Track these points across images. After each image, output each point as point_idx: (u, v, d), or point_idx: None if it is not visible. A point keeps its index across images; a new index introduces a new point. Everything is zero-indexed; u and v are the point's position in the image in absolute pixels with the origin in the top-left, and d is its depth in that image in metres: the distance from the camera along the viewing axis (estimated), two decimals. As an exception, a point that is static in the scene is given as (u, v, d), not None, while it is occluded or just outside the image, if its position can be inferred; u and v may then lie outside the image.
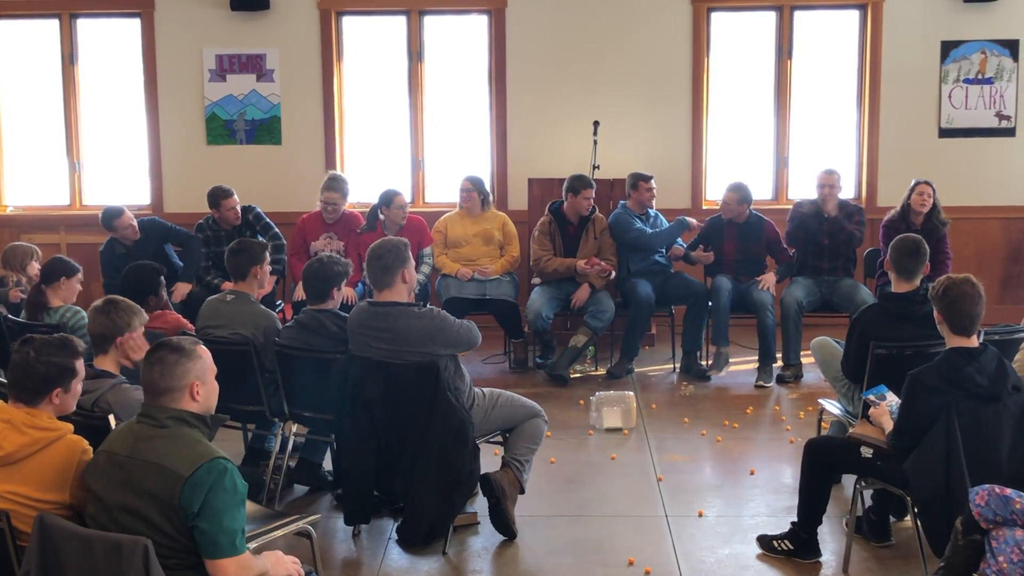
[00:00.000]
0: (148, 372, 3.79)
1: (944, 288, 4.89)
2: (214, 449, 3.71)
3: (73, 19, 10.74)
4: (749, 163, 10.63)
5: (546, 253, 8.90)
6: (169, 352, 3.80)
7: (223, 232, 8.96)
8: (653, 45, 10.47)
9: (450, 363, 5.47)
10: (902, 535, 5.58)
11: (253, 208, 9.12)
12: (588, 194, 8.81)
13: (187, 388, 3.78)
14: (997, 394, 4.70)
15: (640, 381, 8.77)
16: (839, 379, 6.17)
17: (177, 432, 3.71)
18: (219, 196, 8.96)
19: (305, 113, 10.64)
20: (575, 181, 8.84)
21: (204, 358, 3.89)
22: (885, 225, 8.74)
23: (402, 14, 10.67)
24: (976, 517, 4.20)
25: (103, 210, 8.96)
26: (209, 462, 3.61)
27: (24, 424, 3.92)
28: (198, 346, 3.90)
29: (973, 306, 4.83)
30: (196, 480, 3.57)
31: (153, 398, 3.77)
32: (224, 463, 3.64)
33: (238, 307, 6.34)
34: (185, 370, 3.79)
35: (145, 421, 3.75)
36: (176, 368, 3.77)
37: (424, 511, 5.32)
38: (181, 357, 3.79)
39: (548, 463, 6.76)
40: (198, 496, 3.56)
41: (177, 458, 3.62)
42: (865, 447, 5.10)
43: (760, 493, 6.33)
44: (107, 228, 8.94)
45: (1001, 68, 10.40)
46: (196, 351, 3.86)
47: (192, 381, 3.79)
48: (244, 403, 6.21)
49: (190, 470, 3.58)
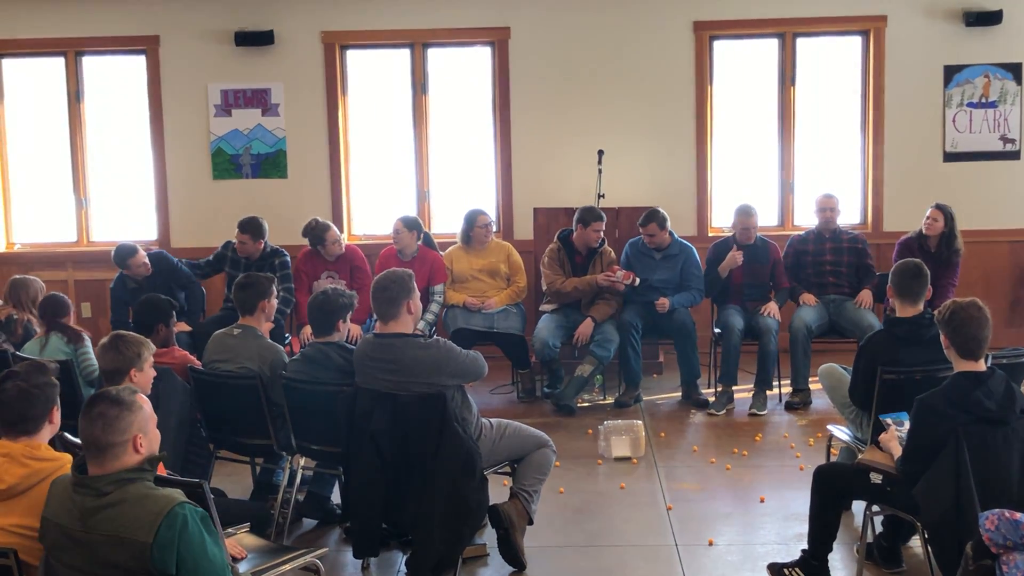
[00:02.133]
0: (89, 428, 3.60)
1: (951, 312, 4.88)
2: (161, 497, 3.54)
3: (79, 57, 10.81)
4: (754, 189, 10.64)
5: (559, 277, 8.90)
6: (109, 405, 3.62)
7: (241, 260, 8.98)
8: (656, 73, 10.51)
9: (457, 394, 5.46)
10: (913, 561, 5.55)
11: (283, 255, 9.03)
12: (598, 227, 8.82)
13: (129, 442, 3.60)
14: (1005, 418, 4.67)
15: (648, 409, 8.75)
16: (847, 405, 6.15)
17: (121, 496, 3.53)
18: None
19: (311, 146, 10.69)
20: (586, 213, 8.83)
21: (145, 408, 3.72)
22: (901, 244, 8.80)
23: (406, 47, 10.72)
24: (986, 542, 4.17)
25: (116, 248, 8.94)
26: (166, 518, 3.46)
27: (24, 456, 3.92)
28: (137, 395, 3.73)
29: (980, 329, 4.81)
30: (161, 542, 3.44)
31: (95, 455, 3.59)
32: (179, 510, 3.49)
33: (245, 341, 6.34)
34: (127, 423, 3.61)
35: (84, 492, 3.56)
36: (118, 422, 3.60)
37: (433, 543, 5.29)
38: (122, 410, 3.62)
39: (557, 493, 6.74)
40: (169, 556, 3.45)
41: (133, 525, 3.47)
42: (874, 473, 5.07)
43: (770, 521, 6.31)
44: (120, 266, 8.93)
45: (1005, 91, 10.42)
46: (136, 402, 3.69)
47: (135, 434, 3.62)
48: (252, 437, 6.22)
49: (151, 534, 3.44)
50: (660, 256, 8.93)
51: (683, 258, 8.97)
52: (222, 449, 6.49)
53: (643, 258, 8.96)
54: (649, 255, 8.95)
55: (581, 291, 8.83)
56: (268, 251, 9.02)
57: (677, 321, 8.81)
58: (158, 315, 6.60)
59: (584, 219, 8.82)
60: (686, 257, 8.99)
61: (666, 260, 8.94)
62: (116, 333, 5.25)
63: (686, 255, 9.00)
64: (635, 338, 8.78)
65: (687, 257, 8.99)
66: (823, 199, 9.07)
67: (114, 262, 8.92)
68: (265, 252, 9.01)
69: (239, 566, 4.45)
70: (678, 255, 8.96)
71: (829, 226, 9.01)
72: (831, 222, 9.02)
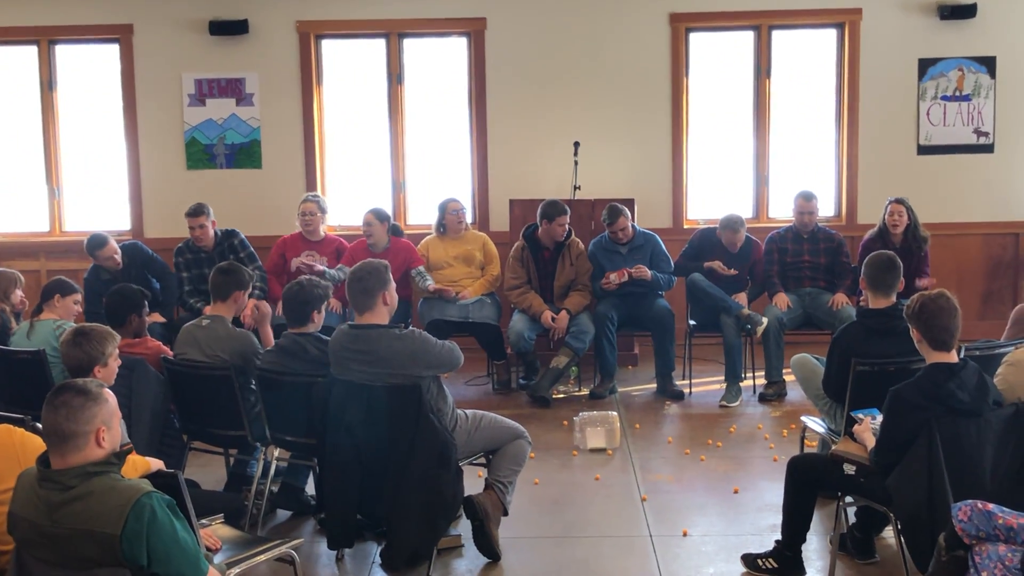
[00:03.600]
0: (52, 416, 3.53)
1: (920, 305, 4.90)
2: (127, 488, 3.50)
3: (52, 45, 10.73)
4: (729, 182, 10.66)
5: (518, 280, 8.90)
6: (74, 395, 3.56)
7: (203, 254, 8.90)
8: (632, 65, 10.51)
9: (432, 385, 5.45)
10: (886, 552, 5.58)
11: (237, 233, 9.02)
12: (563, 221, 8.78)
13: (92, 433, 3.53)
14: (978, 409, 4.70)
15: (624, 401, 8.77)
16: (820, 397, 6.17)
17: (87, 489, 3.48)
18: (96, 246, 8.91)
19: (285, 137, 10.65)
20: (549, 208, 8.80)
21: (110, 402, 3.65)
22: (864, 244, 8.79)
23: (381, 37, 10.69)
24: (959, 533, 4.20)
25: (88, 238, 8.90)
26: (133, 508, 3.42)
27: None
28: (103, 389, 3.67)
29: (950, 320, 4.84)
30: (130, 534, 3.40)
31: (56, 445, 3.54)
32: (145, 500, 3.45)
33: (215, 331, 6.32)
34: (91, 414, 3.55)
35: (48, 486, 3.52)
36: (82, 412, 3.53)
37: (407, 534, 5.29)
38: (87, 400, 3.55)
39: (532, 484, 6.74)
40: (139, 547, 3.41)
41: (101, 517, 3.43)
42: (848, 464, 5.09)
43: (745, 511, 6.32)
44: (91, 256, 8.89)
45: (979, 85, 10.47)
46: (102, 394, 3.62)
47: (98, 426, 3.56)
48: (225, 428, 6.20)
49: (119, 526, 3.40)
50: (626, 250, 8.93)
51: (650, 247, 8.98)
52: (196, 440, 6.46)
53: (610, 255, 8.95)
54: (615, 251, 8.94)
55: (533, 313, 8.83)
56: (220, 235, 8.97)
57: (656, 313, 8.81)
58: (129, 306, 6.52)
59: (548, 214, 8.79)
60: (652, 246, 8.99)
61: (633, 252, 8.93)
62: (79, 328, 5.15)
63: (652, 244, 9.00)
64: (610, 330, 8.79)
65: (653, 246, 9.00)
66: (802, 202, 9.05)
67: (86, 251, 8.88)
68: (218, 237, 8.95)
69: (214, 557, 4.43)
70: (644, 245, 8.96)
71: (807, 228, 9.03)
72: (809, 225, 9.03)
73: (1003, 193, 10.57)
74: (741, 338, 8.72)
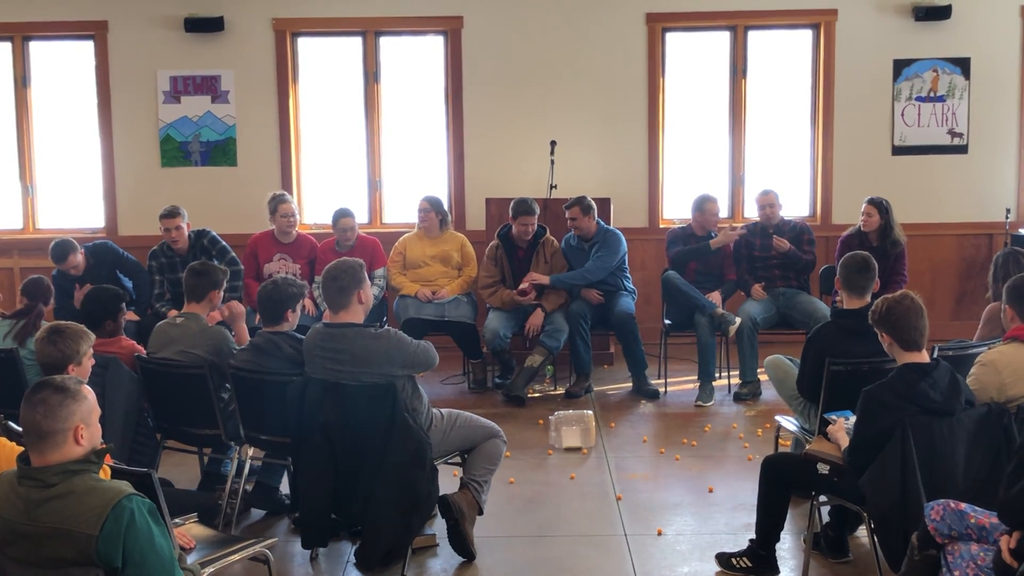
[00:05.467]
0: (30, 413, 3.50)
1: (887, 308, 4.93)
2: (108, 489, 3.48)
3: (26, 41, 10.66)
4: (705, 181, 10.67)
5: (491, 279, 8.90)
6: (53, 392, 3.52)
7: (178, 258, 8.81)
8: (609, 65, 10.52)
9: (407, 384, 5.45)
10: (859, 551, 5.60)
11: (207, 232, 8.91)
12: (526, 220, 8.78)
13: (71, 431, 3.50)
14: (951, 409, 4.72)
15: (599, 400, 8.78)
16: (794, 397, 6.19)
17: (68, 488, 3.45)
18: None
19: (261, 134, 10.61)
20: (515, 206, 8.83)
21: (89, 399, 3.61)
22: (842, 241, 8.83)
23: (358, 35, 10.67)
24: (932, 532, 4.22)
25: (52, 248, 8.82)
26: (113, 510, 3.40)
27: None
28: (82, 386, 3.63)
29: (918, 319, 4.87)
30: (107, 536, 3.38)
31: (35, 443, 3.51)
32: (125, 502, 3.43)
33: (188, 328, 6.30)
34: (69, 412, 3.51)
35: (28, 483, 3.49)
36: (60, 410, 3.49)
37: (382, 533, 5.28)
38: (66, 398, 3.51)
39: (507, 483, 6.74)
40: (115, 549, 3.39)
41: (80, 517, 3.41)
42: (822, 463, 5.11)
43: (719, 511, 6.34)
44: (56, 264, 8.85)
45: (953, 86, 10.52)
46: (81, 391, 3.58)
47: (76, 423, 3.52)
48: (199, 427, 6.18)
49: (97, 527, 3.38)
50: (588, 246, 8.94)
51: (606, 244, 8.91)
52: (170, 439, 6.43)
53: (576, 252, 8.99)
54: (580, 248, 8.96)
55: (506, 306, 8.85)
56: (193, 236, 8.89)
57: (617, 315, 8.81)
58: (104, 311, 6.43)
59: (513, 213, 8.83)
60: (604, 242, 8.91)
61: (594, 248, 8.94)
62: (54, 326, 5.11)
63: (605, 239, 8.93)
64: (584, 329, 8.80)
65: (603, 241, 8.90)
66: (761, 196, 9.13)
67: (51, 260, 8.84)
68: (192, 238, 8.87)
69: (188, 556, 4.41)
70: (601, 242, 8.95)
71: (771, 221, 9.07)
72: (772, 218, 9.07)
73: (977, 194, 10.63)
74: (715, 338, 8.75)
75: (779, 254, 8.90)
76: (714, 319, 8.66)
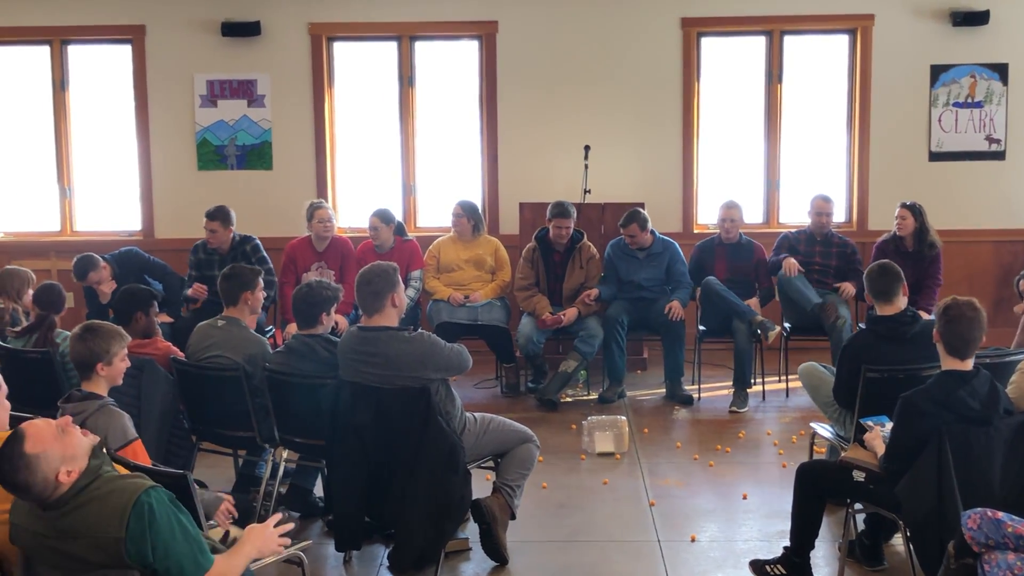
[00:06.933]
0: (11, 476, 3.48)
1: (946, 306, 4.91)
2: (127, 486, 3.51)
3: (64, 45, 10.75)
4: (740, 187, 10.64)
5: (526, 281, 8.90)
6: (18, 457, 3.46)
7: (216, 257, 8.89)
8: (644, 69, 10.50)
9: (441, 387, 5.45)
10: (895, 559, 5.57)
11: (252, 240, 8.98)
12: (561, 223, 8.76)
13: (53, 476, 3.48)
14: (989, 418, 4.68)
15: (632, 405, 8.75)
16: (829, 404, 6.16)
17: (87, 498, 3.50)
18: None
19: (296, 138, 10.65)
20: (551, 209, 8.82)
21: (54, 449, 3.51)
22: (877, 248, 8.80)
23: (393, 40, 10.70)
24: (968, 540, 4.18)
25: (73, 263, 8.81)
26: (133, 508, 3.43)
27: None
28: (46, 442, 3.52)
29: (970, 330, 4.83)
30: (133, 535, 3.42)
31: (24, 499, 3.55)
32: (144, 498, 3.46)
33: (229, 333, 6.32)
34: (44, 470, 3.48)
35: (48, 514, 3.53)
36: (36, 476, 3.46)
37: (415, 537, 5.29)
38: (30, 461, 3.45)
39: (540, 488, 6.74)
40: (144, 548, 3.43)
41: (103, 521, 3.44)
42: (857, 471, 5.08)
43: (753, 517, 6.32)
44: None
45: (991, 92, 10.44)
46: (44, 451, 3.50)
47: (56, 470, 3.49)
48: (234, 429, 6.21)
49: (122, 528, 3.42)
50: (644, 255, 8.92)
51: (668, 255, 8.97)
52: (205, 441, 6.46)
53: (627, 258, 8.95)
54: (632, 255, 8.94)
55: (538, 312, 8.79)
56: (237, 240, 8.95)
57: (665, 317, 8.79)
58: (135, 303, 6.45)
59: (549, 215, 8.82)
60: (671, 254, 8.98)
61: (650, 259, 8.93)
62: (88, 324, 5.08)
63: (671, 252, 8.99)
64: (620, 334, 8.78)
65: (672, 254, 8.98)
66: (820, 203, 9.08)
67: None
68: (235, 241, 8.94)
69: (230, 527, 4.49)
70: (662, 253, 8.95)
71: (822, 230, 9.03)
72: (825, 226, 9.04)
73: (1014, 200, 10.54)
74: (752, 344, 8.71)
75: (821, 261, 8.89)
76: (752, 325, 8.63)
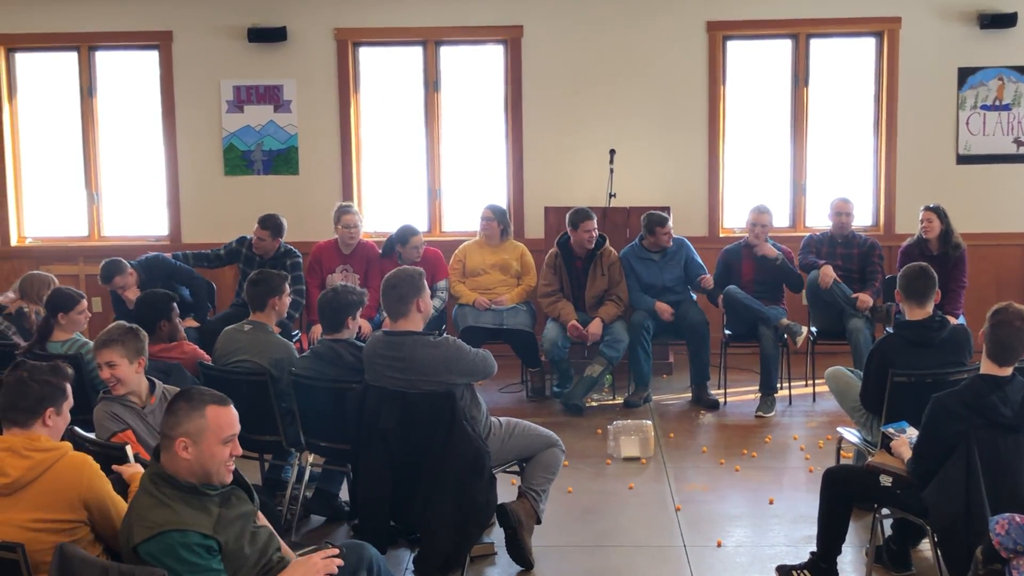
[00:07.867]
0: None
1: (997, 309, 4.88)
2: (163, 515, 3.69)
3: (92, 51, 10.82)
4: (766, 191, 10.60)
5: (550, 288, 8.90)
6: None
7: (257, 258, 8.98)
8: (669, 73, 10.49)
9: (466, 392, 5.46)
10: (922, 564, 5.54)
11: (295, 254, 9.06)
12: (587, 227, 8.74)
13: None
14: (1018, 425, 4.66)
15: (658, 410, 8.74)
16: (856, 408, 6.13)
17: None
18: (579, 219, 8.86)
19: (322, 143, 10.68)
20: (574, 215, 8.78)
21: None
22: (902, 252, 8.75)
23: (418, 45, 10.72)
24: (996, 546, 4.16)
25: (100, 267, 8.83)
26: (158, 537, 3.64)
27: (25, 448, 3.90)
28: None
29: (1013, 338, 4.78)
30: (143, 553, 3.62)
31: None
32: (168, 538, 3.65)
33: (256, 338, 6.35)
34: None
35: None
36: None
37: (441, 541, 5.29)
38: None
39: (565, 493, 6.73)
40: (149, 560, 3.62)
41: (136, 523, 3.67)
42: (884, 476, 5.06)
43: (779, 522, 6.29)
44: None
45: (1019, 94, 10.38)
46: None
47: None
48: (261, 433, 6.21)
49: (139, 539, 3.64)
50: (659, 256, 8.92)
51: (684, 253, 9.03)
52: (231, 444, 6.47)
53: (646, 263, 8.94)
54: (649, 258, 8.93)
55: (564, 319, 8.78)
56: (282, 251, 9.02)
57: (691, 321, 8.78)
58: (157, 312, 6.49)
59: (573, 221, 8.77)
60: (687, 251, 9.05)
61: (668, 259, 8.95)
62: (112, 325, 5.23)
63: (685, 248, 9.06)
64: (646, 339, 8.77)
65: (687, 250, 9.06)
66: (839, 203, 9.08)
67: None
68: (279, 252, 9.00)
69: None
70: (678, 251, 9.00)
71: (843, 231, 9.02)
72: (845, 227, 9.03)
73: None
74: (779, 349, 8.67)
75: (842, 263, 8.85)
76: (779, 330, 8.60)
